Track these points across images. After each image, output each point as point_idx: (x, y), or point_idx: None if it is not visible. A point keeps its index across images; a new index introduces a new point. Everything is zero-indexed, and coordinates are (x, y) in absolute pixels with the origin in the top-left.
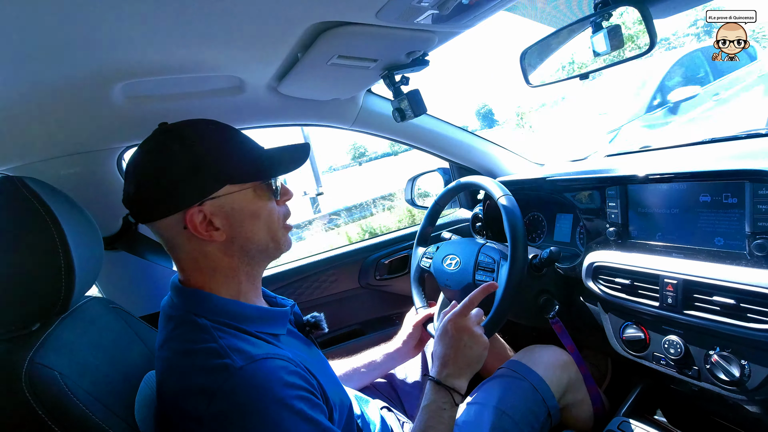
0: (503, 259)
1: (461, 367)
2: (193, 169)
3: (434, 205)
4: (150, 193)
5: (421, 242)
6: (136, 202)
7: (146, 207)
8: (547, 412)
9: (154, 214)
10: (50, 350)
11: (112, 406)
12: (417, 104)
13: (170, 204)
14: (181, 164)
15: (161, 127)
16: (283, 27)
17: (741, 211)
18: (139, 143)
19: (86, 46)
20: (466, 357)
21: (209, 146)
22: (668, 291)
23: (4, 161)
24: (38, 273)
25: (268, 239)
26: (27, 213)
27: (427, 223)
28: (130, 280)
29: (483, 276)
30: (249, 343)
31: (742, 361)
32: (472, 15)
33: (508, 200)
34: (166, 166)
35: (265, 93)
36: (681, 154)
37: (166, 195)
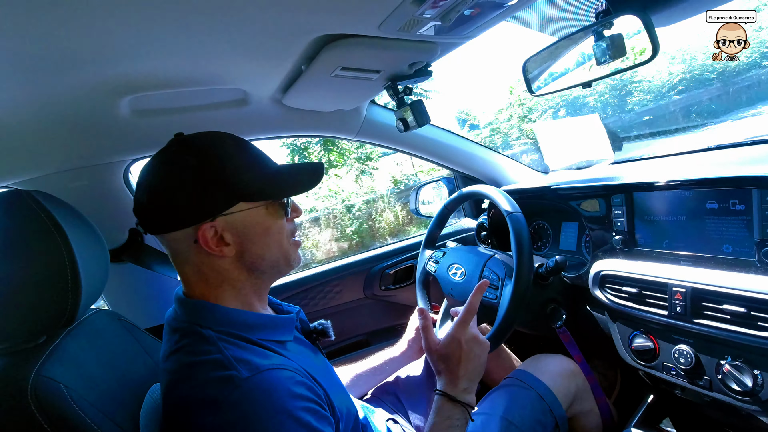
0: (508, 278)
1: (472, 379)
2: (209, 185)
3: (443, 209)
4: (163, 205)
5: (428, 245)
6: (148, 213)
7: (158, 218)
8: (555, 422)
9: (165, 226)
10: (56, 363)
11: (117, 418)
12: (420, 114)
13: (183, 218)
14: (196, 179)
15: (177, 138)
16: (287, 40)
17: (748, 217)
18: (145, 156)
19: (93, 60)
20: (476, 367)
21: (225, 162)
22: (677, 299)
23: (13, 175)
24: (45, 286)
25: (279, 255)
26: (34, 226)
27: (436, 226)
28: (135, 292)
29: (486, 292)
30: (255, 354)
31: (755, 371)
32: (474, 26)
33: (518, 218)
34: (181, 179)
35: (270, 105)
36: (687, 161)
37: (180, 208)
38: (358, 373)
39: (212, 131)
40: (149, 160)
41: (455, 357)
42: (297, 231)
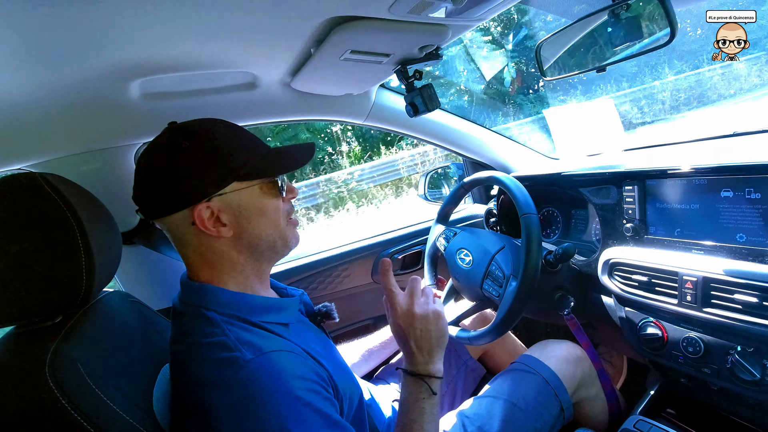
0: (513, 277)
1: (427, 351)
2: (202, 165)
3: (459, 187)
4: (159, 189)
5: (440, 220)
6: (145, 199)
7: (155, 203)
8: (560, 407)
9: (162, 210)
10: (72, 342)
11: (131, 396)
12: (430, 99)
13: (179, 200)
14: (189, 161)
15: (170, 126)
16: (296, 22)
17: (764, 206)
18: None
19: (104, 44)
20: (426, 340)
21: (218, 144)
22: (687, 288)
23: (26, 158)
24: (60, 267)
25: (276, 235)
26: (49, 208)
27: (450, 202)
28: (148, 275)
29: (490, 286)
30: (259, 336)
31: (764, 361)
32: (486, 7)
33: (532, 219)
34: (175, 162)
35: (279, 89)
36: (701, 148)
37: (175, 191)
38: (369, 348)
39: (205, 118)
40: (145, 148)
41: (401, 340)
42: (294, 211)
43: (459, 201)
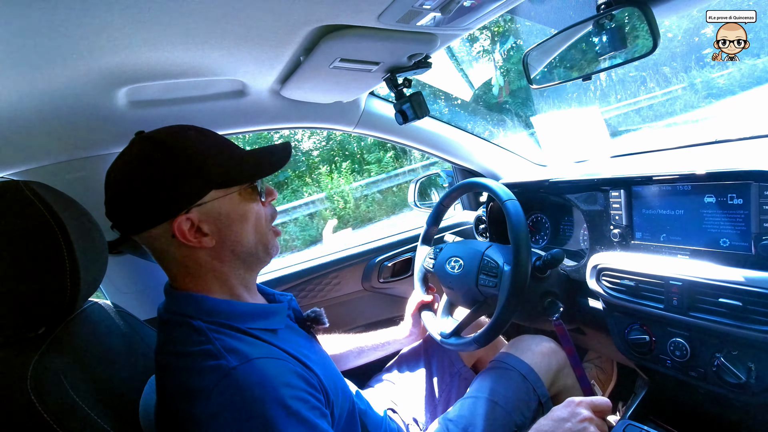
0: (506, 264)
1: None
2: (177, 177)
3: (438, 205)
4: (134, 204)
5: (425, 242)
6: (120, 214)
7: (131, 218)
8: (538, 400)
9: (141, 225)
10: (55, 354)
11: (116, 409)
12: (419, 106)
13: (156, 214)
14: (164, 173)
15: (138, 136)
16: (285, 31)
17: (746, 212)
18: None
19: (90, 51)
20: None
21: (191, 153)
22: (673, 293)
23: (10, 165)
24: (43, 276)
25: (257, 242)
26: (32, 217)
27: (432, 223)
28: (134, 284)
29: (486, 280)
30: (245, 343)
31: (749, 364)
32: (474, 17)
33: (513, 204)
34: (149, 175)
35: (268, 96)
36: (685, 155)
37: (152, 205)
38: (360, 345)
39: (175, 125)
40: (114, 161)
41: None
42: (276, 216)
43: (440, 220)
